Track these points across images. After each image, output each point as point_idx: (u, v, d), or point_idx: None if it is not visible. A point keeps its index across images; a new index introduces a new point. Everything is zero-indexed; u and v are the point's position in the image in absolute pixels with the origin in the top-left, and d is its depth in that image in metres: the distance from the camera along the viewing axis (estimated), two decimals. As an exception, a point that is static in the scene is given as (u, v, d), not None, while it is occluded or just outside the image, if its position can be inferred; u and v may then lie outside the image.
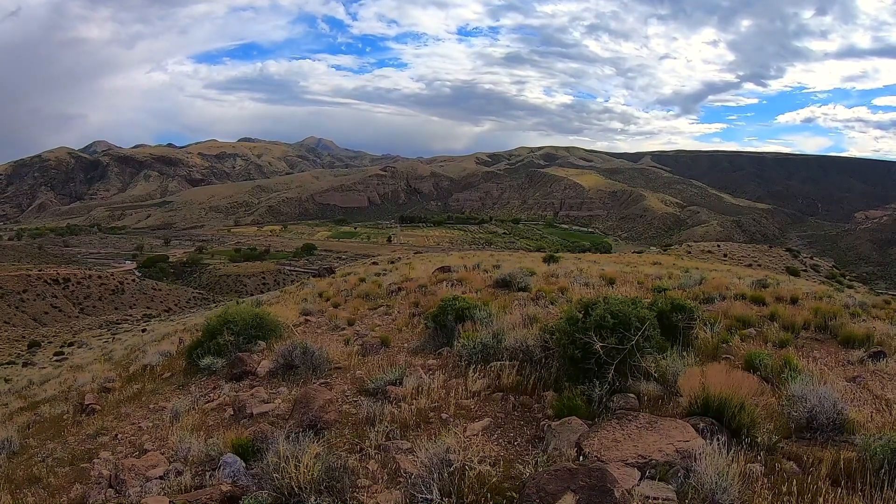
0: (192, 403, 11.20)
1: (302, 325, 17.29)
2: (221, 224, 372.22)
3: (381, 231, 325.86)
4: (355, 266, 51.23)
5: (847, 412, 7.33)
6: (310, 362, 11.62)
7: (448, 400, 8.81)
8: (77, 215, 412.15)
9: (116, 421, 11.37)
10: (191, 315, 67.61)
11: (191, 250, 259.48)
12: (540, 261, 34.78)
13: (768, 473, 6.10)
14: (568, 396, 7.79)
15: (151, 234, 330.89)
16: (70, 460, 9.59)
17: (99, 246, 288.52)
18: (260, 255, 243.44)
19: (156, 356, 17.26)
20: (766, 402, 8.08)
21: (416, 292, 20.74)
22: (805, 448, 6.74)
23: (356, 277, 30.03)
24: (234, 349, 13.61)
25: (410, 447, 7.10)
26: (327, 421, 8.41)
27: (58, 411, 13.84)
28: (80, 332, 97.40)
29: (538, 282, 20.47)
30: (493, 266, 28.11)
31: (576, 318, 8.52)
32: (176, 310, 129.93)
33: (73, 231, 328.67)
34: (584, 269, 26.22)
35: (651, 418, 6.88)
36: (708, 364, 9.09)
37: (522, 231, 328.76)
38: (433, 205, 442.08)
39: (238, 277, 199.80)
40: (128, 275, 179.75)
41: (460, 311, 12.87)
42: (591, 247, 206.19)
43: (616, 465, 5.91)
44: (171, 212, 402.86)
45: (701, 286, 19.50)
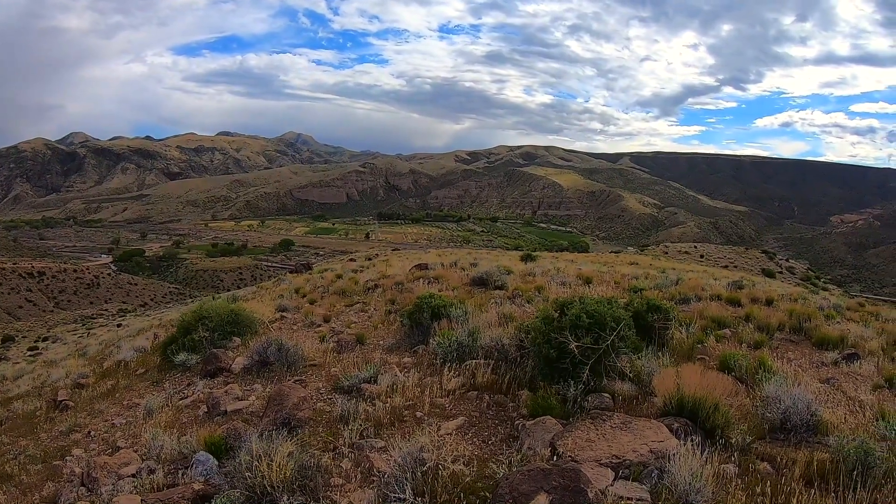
0: (166, 400, 11.13)
1: (278, 321, 17.20)
2: (199, 218, 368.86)
3: (360, 227, 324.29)
4: (333, 262, 51.10)
5: (821, 413, 7.40)
6: (285, 359, 11.55)
7: (423, 398, 8.78)
8: (53, 207, 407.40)
9: (90, 418, 11.26)
10: (167, 310, 67.10)
11: (167, 244, 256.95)
12: (517, 259, 34.82)
13: (742, 474, 6.14)
14: (543, 396, 7.80)
15: (128, 228, 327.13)
16: (43, 457, 9.47)
17: (75, 239, 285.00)
18: (237, 251, 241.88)
19: (130, 352, 17.12)
20: (740, 403, 8.14)
21: (392, 289, 20.68)
22: (779, 449, 6.78)
23: (333, 274, 29.90)
24: (208, 345, 13.52)
25: (384, 446, 7.07)
26: (301, 419, 8.35)
27: (31, 407, 13.67)
28: (54, 326, 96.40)
29: (515, 280, 20.48)
30: (470, 264, 28.08)
31: (551, 317, 8.52)
32: (152, 305, 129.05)
33: (48, 224, 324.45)
34: (562, 269, 26.25)
35: (625, 418, 6.90)
36: (683, 364, 9.13)
37: (500, 229, 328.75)
38: (412, 202, 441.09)
39: (215, 272, 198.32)
40: (103, 269, 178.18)
41: (436, 308, 12.85)
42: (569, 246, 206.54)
43: (590, 465, 5.91)
44: (148, 205, 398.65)
45: (677, 287, 19.59)
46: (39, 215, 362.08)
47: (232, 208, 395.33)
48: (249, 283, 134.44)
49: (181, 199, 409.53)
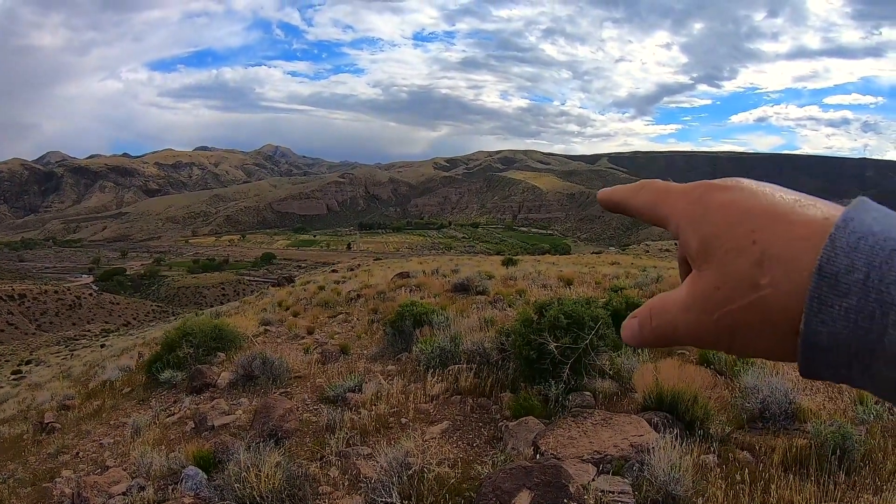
0: (153, 418, 11.11)
1: (262, 335, 17.22)
2: (179, 235, 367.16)
3: (341, 238, 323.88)
4: (315, 274, 50.99)
5: (799, 401, 7.54)
6: (269, 372, 11.58)
7: (407, 405, 8.87)
8: (31, 228, 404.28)
9: (77, 438, 11.22)
10: (150, 328, 66.56)
11: (148, 262, 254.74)
12: (499, 264, 34.90)
13: (722, 463, 6.25)
14: (524, 397, 7.91)
15: (108, 247, 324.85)
16: (31, 480, 9.44)
17: (54, 260, 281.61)
18: (219, 266, 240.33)
19: (115, 371, 17.03)
20: (719, 395, 8.29)
21: (375, 299, 20.77)
22: (758, 437, 6.92)
23: (315, 286, 29.97)
24: (193, 362, 13.50)
25: (371, 453, 7.15)
26: (288, 430, 8.42)
27: (17, 431, 13.57)
28: (37, 349, 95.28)
29: (496, 285, 20.61)
30: (451, 271, 28.19)
31: (531, 319, 8.64)
32: (135, 323, 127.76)
33: (27, 245, 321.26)
34: (543, 271, 26.38)
35: (606, 415, 7.02)
36: (662, 360, 9.30)
37: (482, 235, 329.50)
38: (392, 211, 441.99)
39: (197, 289, 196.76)
40: (85, 289, 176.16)
41: (418, 316, 12.96)
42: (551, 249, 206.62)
43: (572, 461, 6.03)
44: (128, 223, 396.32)
45: (658, 284, 19.77)
46: (18, 237, 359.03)
47: (212, 223, 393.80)
48: (232, 298, 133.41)
49: (161, 215, 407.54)
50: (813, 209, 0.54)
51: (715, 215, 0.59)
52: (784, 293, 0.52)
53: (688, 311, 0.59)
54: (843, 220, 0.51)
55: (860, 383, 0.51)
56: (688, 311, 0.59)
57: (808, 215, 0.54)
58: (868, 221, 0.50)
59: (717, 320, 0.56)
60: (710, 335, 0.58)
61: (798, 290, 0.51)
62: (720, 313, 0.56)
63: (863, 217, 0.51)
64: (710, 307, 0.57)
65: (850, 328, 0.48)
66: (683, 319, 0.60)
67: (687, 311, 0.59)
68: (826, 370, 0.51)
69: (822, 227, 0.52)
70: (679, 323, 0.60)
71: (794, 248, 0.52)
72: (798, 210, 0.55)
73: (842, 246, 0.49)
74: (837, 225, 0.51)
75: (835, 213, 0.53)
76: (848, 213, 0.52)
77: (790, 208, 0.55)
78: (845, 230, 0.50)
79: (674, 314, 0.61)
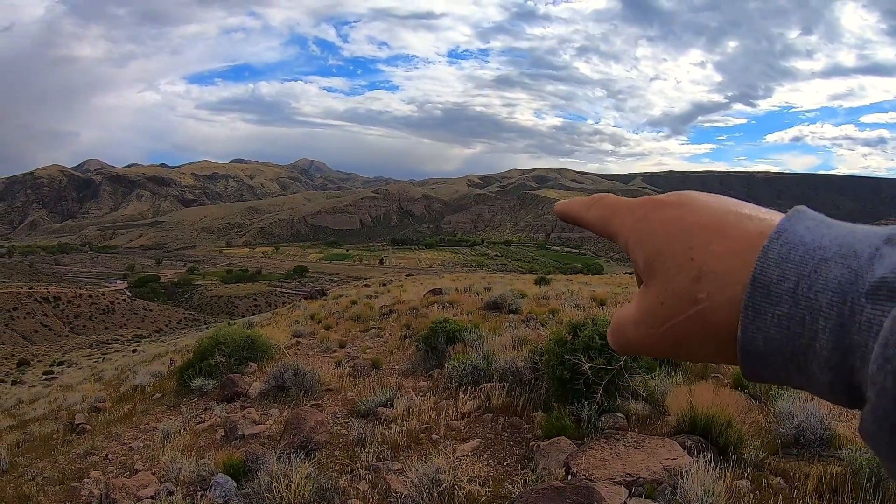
0: (183, 424, 11.20)
1: (293, 346, 17.31)
2: (213, 245, 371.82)
3: (373, 253, 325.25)
4: (347, 288, 51.18)
5: (834, 427, 7.40)
6: (301, 384, 11.63)
7: (438, 421, 8.85)
8: (68, 234, 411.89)
9: (107, 441, 11.34)
10: (182, 336, 67.24)
11: (182, 271, 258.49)
12: (531, 283, 34.75)
13: (755, 489, 6.15)
14: (557, 417, 7.85)
15: (143, 254, 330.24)
16: (60, 479, 9.55)
17: (90, 265, 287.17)
18: (252, 277, 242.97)
19: (147, 377, 17.22)
20: (753, 420, 8.15)
21: (407, 314, 20.78)
22: (792, 464, 6.80)
23: (348, 299, 30.07)
24: (225, 370, 13.61)
25: (401, 468, 7.13)
26: (318, 442, 8.44)
27: (48, 430, 13.75)
28: (69, 351, 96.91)
29: (529, 304, 20.51)
30: (484, 288, 28.11)
31: (564, 339, 8.60)
32: (167, 330, 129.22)
33: (64, 249, 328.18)
34: (576, 291, 26.21)
35: (639, 437, 6.95)
36: (696, 383, 9.17)
37: (514, 253, 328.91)
38: (425, 227, 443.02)
39: (229, 299, 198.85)
40: (118, 294, 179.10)
41: (451, 333, 12.94)
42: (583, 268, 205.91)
43: (604, 483, 5.97)
44: (163, 232, 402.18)
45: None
46: (55, 241, 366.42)
47: (246, 235, 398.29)
48: (264, 309, 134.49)
49: (196, 225, 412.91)
50: (750, 222, 0.58)
51: (658, 233, 0.63)
52: (720, 305, 0.56)
53: (637, 326, 0.63)
54: (776, 232, 0.55)
55: (798, 384, 0.54)
56: (637, 326, 0.63)
57: (744, 229, 0.58)
58: (801, 232, 0.54)
59: (664, 333, 0.60)
60: (660, 347, 0.62)
61: (733, 301, 0.55)
62: (665, 327, 0.60)
63: (796, 227, 0.55)
64: (657, 322, 0.61)
65: (784, 334, 0.52)
66: (634, 334, 0.64)
67: (637, 326, 0.63)
68: (766, 373, 0.55)
69: (757, 240, 0.55)
70: (631, 338, 0.65)
71: (729, 263, 0.56)
72: (736, 224, 0.59)
73: (773, 257, 0.53)
74: (771, 237, 0.55)
75: (772, 224, 0.57)
76: (782, 224, 0.56)
77: (728, 223, 0.59)
78: (777, 241, 0.54)
79: (627, 329, 0.65)
